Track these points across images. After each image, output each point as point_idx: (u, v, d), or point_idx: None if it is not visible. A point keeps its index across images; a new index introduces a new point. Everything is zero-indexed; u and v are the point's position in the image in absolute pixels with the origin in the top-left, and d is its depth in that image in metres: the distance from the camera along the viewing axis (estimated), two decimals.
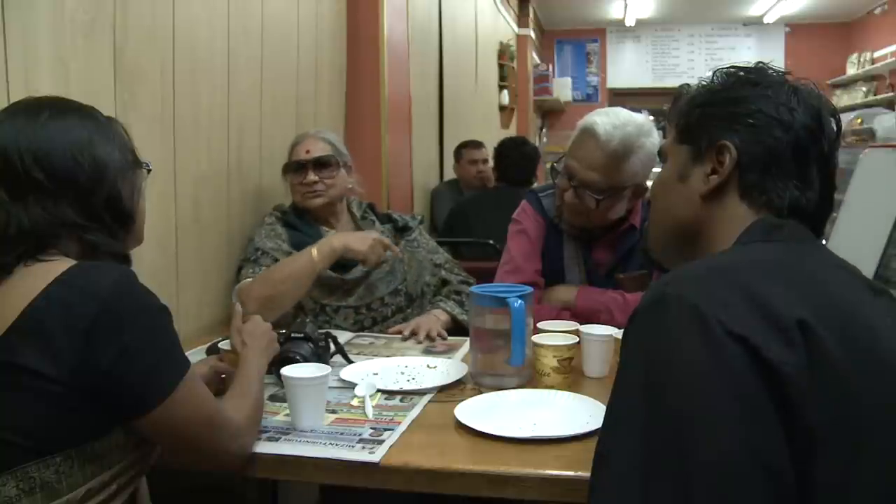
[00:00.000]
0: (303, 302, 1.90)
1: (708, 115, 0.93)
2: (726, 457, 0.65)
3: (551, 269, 1.90)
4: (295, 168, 2.01)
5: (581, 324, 1.59)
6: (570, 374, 1.44)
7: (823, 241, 0.98)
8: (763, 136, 0.88)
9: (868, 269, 1.58)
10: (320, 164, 1.99)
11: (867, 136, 4.28)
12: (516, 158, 3.50)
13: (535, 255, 1.91)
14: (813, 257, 0.85)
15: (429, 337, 1.80)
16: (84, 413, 0.90)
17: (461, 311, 1.95)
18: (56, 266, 0.93)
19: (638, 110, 1.88)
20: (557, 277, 1.90)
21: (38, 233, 0.94)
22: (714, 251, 0.89)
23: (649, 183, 1.74)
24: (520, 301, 1.39)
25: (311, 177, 1.97)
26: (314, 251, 1.81)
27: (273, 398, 1.36)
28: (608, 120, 1.72)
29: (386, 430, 1.21)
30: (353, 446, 1.15)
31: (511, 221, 1.98)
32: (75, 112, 1.02)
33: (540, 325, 1.57)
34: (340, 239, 1.85)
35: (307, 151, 2.00)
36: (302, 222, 2.01)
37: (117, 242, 1.03)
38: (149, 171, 1.12)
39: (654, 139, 1.76)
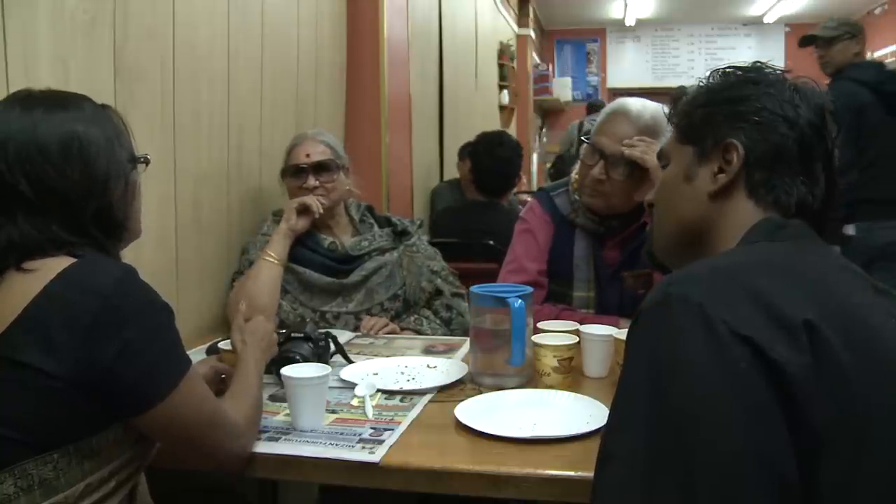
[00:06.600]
0: (303, 312, 1.89)
1: (711, 115, 0.92)
2: (730, 457, 0.65)
3: (560, 268, 1.88)
4: (294, 172, 1.96)
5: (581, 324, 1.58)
6: (570, 374, 1.43)
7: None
8: (769, 133, 0.88)
9: None
10: (320, 168, 1.95)
11: None
12: (489, 163, 3.14)
13: (540, 255, 1.90)
14: (817, 257, 0.85)
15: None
16: (84, 410, 0.90)
17: (441, 333, 1.95)
18: (57, 263, 0.92)
19: None
20: (566, 277, 1.88)
21: (30, 246, 0.93)
22: (719, 251, 0.89)
23: None
24: (520, 301, 1.38)
25: (311, 182, 1.93)
26: (270, 253, 1.85)
27: (273, 398, 1.35)
28: (637, 101, 1.82)
29: (386, 430, 1.21)
30: (353, 446, 1.14)
31: (518, 220, 1.98)
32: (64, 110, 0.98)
33: (540, 324, 1.57)
34: (280, 228, 1.89)
35: (307, 155, 1.95)
36: None
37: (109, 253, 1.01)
38: (147, 163, 1.10)
39: None
